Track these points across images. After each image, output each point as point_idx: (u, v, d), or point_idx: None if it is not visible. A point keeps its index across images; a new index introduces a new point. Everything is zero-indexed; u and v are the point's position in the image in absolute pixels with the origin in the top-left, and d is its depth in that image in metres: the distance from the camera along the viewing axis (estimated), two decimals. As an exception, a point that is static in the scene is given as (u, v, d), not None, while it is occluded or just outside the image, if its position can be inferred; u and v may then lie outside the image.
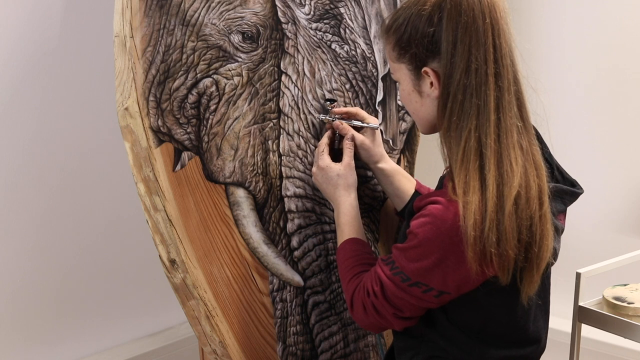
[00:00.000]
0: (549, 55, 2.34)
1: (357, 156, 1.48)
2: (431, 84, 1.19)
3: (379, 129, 1.49)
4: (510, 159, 1.11)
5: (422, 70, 1.19)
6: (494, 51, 1.13)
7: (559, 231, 1.22)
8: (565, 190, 1.25)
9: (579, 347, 1.67)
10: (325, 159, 1.43)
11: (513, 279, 1.14)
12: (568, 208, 1.28)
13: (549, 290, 1.31)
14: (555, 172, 1.27)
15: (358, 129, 1.49)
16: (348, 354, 1.60)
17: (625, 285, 1.72)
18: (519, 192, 1.10)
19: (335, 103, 1.55)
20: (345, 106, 1.59)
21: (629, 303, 1.60)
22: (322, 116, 1.51)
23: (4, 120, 1.75)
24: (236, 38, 1.42)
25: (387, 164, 1.51)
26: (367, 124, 1.48)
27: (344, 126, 1.48)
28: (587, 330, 1.80)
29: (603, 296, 1.66)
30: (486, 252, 1.08)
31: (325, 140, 1.47)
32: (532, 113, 1.22)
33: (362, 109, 1.62)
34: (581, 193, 1.28)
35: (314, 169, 1.45)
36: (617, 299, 1.62)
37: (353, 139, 1.46)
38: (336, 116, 1.50)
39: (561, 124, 2.35)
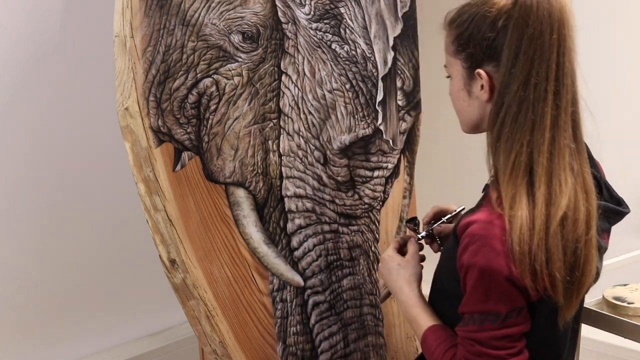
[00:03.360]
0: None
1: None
2: (482, 86, 1.16)
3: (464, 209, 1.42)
4: (560, 180, 1.08)
5: (476, 71, 1.16)
6: (556, 68, 1.09)
7: (602, 250, 1.19)
8: (612, 209, 1.22)
9: (579, 347, 1.67)
10: (388, 250, 1.37)
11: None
12: None
13: (581, 313, 1.28)
14: (604, 189, 1.24)
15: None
16: (348, 354, 1.60)
17: (625, 285, 1.72)
18: (565, 214, 1.07)
19: (416, 217, 1.48)
20: (346, 106, 1.58)
21: (629, 303, 1.60)
22: (423, 234, 1.41)
23: (4, 120, 1.75)
24: (236, 38, 1.42)
25: None
26: (455, 211, 1.42)
27: (444, 227, 1.41)
28: (587, 330, 1.80)
29: (603, 296, 1.66)
30: (536, 270, 1.06)
31: (398, 239, 1.40)
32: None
33: (362, 109, 1.62)
34: (627, 212, 1.24)
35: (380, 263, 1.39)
36: (617, 299, 1.63)
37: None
38: (430, 229, 1.42)
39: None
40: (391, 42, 1.68)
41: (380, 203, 1.66)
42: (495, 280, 1.08)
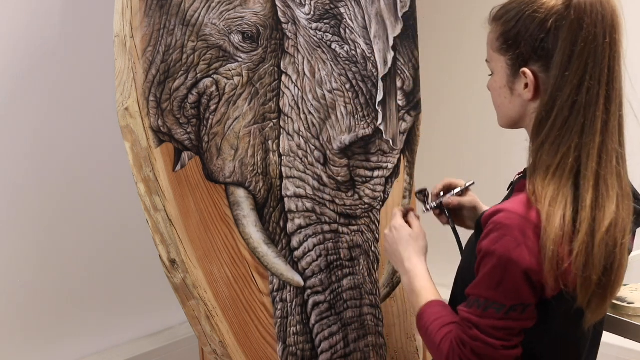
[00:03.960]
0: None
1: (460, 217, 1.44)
2: (526, 85, 1.15)
3: (473, 183, 1.46)
4: (608, 184, 1.09)
5: (521, 70, 1.15)
6: (608, 73, 1.09)
7: (629, 252, 1.19)
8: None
9: (579, 347, 1.66)
10: (397, 219, 1.37)
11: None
12: None
13: (604, 318, 1.27)
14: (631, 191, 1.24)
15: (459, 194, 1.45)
16: (348, 354, 1.60)
17: (625, 285, 1.71)
18: (611, 220, 1.08)
19: (426, 189, 1.48)
20: (346, 106, 1.59)
21: (629, 303, 1.60)
22: (432, 204, 1.43)
23: (4, 120, 1.75)
24: (236, 38, 1.42)
25: (479, 204, 1.48)
26: (464, 185, 1.44)
27: (452, 199, 1.43)
28: (587, 330, 1.80)
29: (603, 296, 1.65)
30: (570, 272, 1.06)
31: (401, 209, 1.41)
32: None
33: (362, 109, 1.62)
34: None
35: (386, 230, 1.39)
36: (617, 299, 1.62)
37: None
38: (439, 200, 1.44)
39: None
40: (391, 42, 1.69)
41: (380, 203, 1.66)
42: (510, 271, 1.08)
